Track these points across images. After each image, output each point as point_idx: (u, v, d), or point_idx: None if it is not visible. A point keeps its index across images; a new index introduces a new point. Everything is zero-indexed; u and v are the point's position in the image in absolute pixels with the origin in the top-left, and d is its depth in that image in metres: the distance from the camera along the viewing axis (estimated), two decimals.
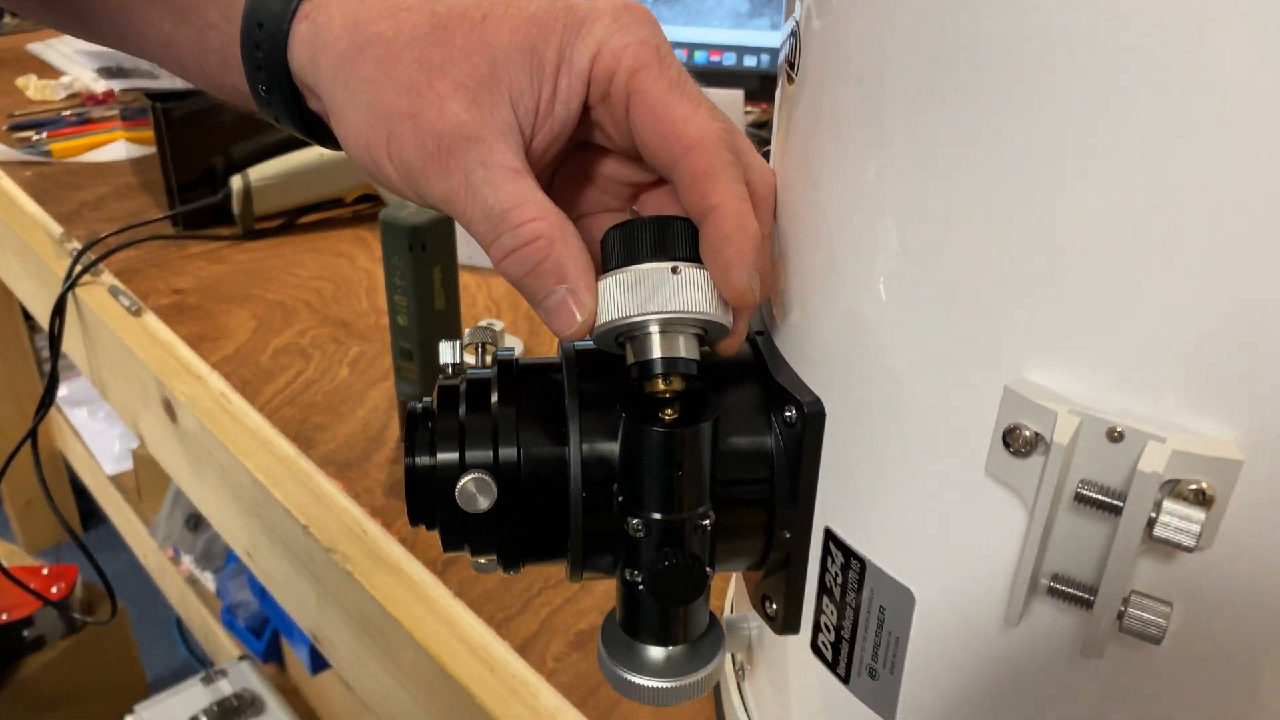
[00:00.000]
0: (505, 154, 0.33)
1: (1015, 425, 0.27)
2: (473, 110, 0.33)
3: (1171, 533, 0.25)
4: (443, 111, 0.33)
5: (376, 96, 0.34)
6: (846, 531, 0.35)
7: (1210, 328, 0.25)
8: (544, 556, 0.38)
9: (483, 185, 0.33)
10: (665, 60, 0.35)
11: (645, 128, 0.34)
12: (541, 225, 0.33)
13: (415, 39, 0.34)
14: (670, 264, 0.33)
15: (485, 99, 0.33)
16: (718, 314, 0.34)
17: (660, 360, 0.33)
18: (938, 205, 0.29)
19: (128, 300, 0.87)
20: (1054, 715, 0.31)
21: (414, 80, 0.34)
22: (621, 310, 0.33)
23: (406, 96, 0.33)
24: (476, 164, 0.33)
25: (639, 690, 0.37)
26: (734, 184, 0.33)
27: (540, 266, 0.33)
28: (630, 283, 0.33)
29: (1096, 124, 0.25)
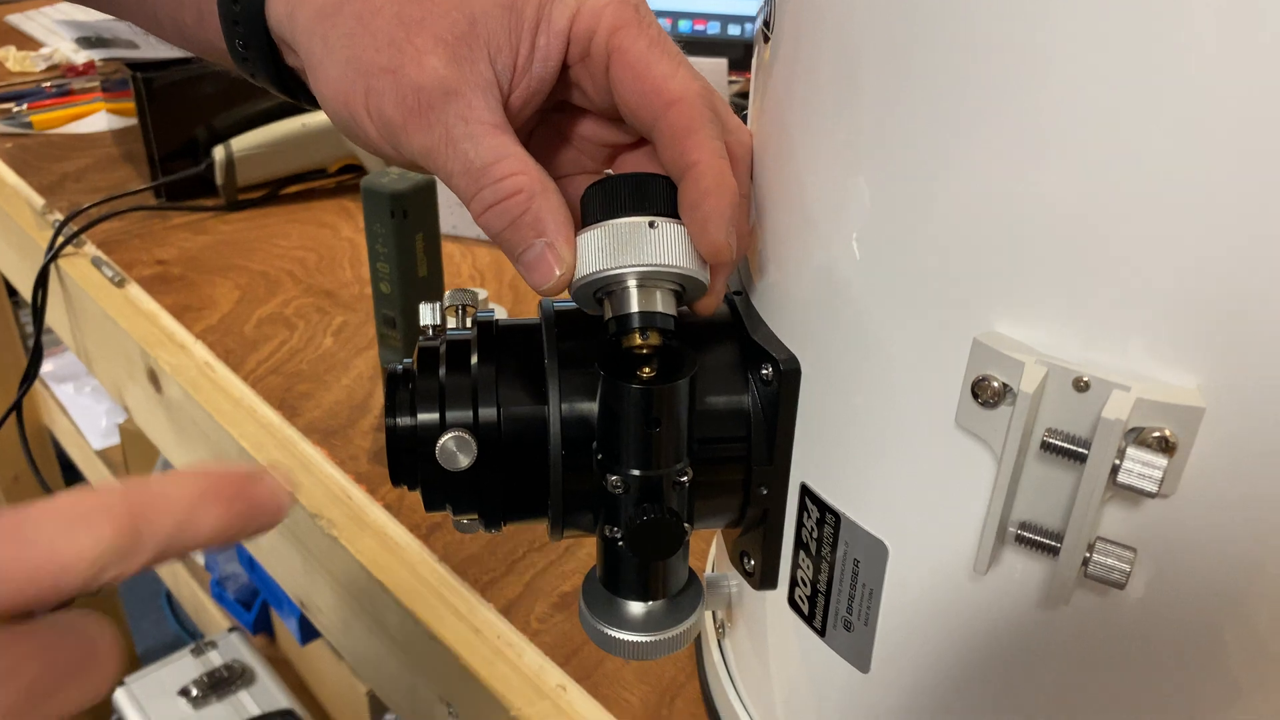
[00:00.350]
0: (485, 109, 0.34)
1: (984, 376, 0.28)
2: (452, 65, 0.33)
3: (1134, 479, 0.26)
4: (422, 66, 0.33)
5: (355, 51, 0.34)
6: (822, 487, 0.35)
7: (1174, 280, 0.26)
8: (525, 514, 0.38)
9: (463, 140, 0.33)
10: (644, 19, 0.35)
11: (625, 85, 0.35)
12: (522, 179, 0.33)
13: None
14: (647, 219, 0.33)
15: (464, 54, 0.34)
16: (695, 269, 0.34)
17: (637, 314, 0.33)
18: (907, 163, 0.29)
19: (111, 271, 0.87)
20: (1025, 664, 0.32)
21: (393, 35, 0.34)
22: (599, 263, 0.33)
23: (386, 51, 0.34)
24: (457, 119, 0.33)
25: (620, 645, 0.38)
26: (713, 141, 0.34)
27: (520, 220, 0.34)
28: (608, 236, 0.34)
29: (1062, 82, 0.25)
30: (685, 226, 0.34)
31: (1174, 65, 0.24)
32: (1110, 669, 0.31)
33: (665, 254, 0.33)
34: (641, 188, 0.34)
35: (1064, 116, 0.25)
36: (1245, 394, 0.26)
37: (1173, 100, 0.24)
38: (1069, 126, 0.25)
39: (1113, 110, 0.25)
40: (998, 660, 0.33)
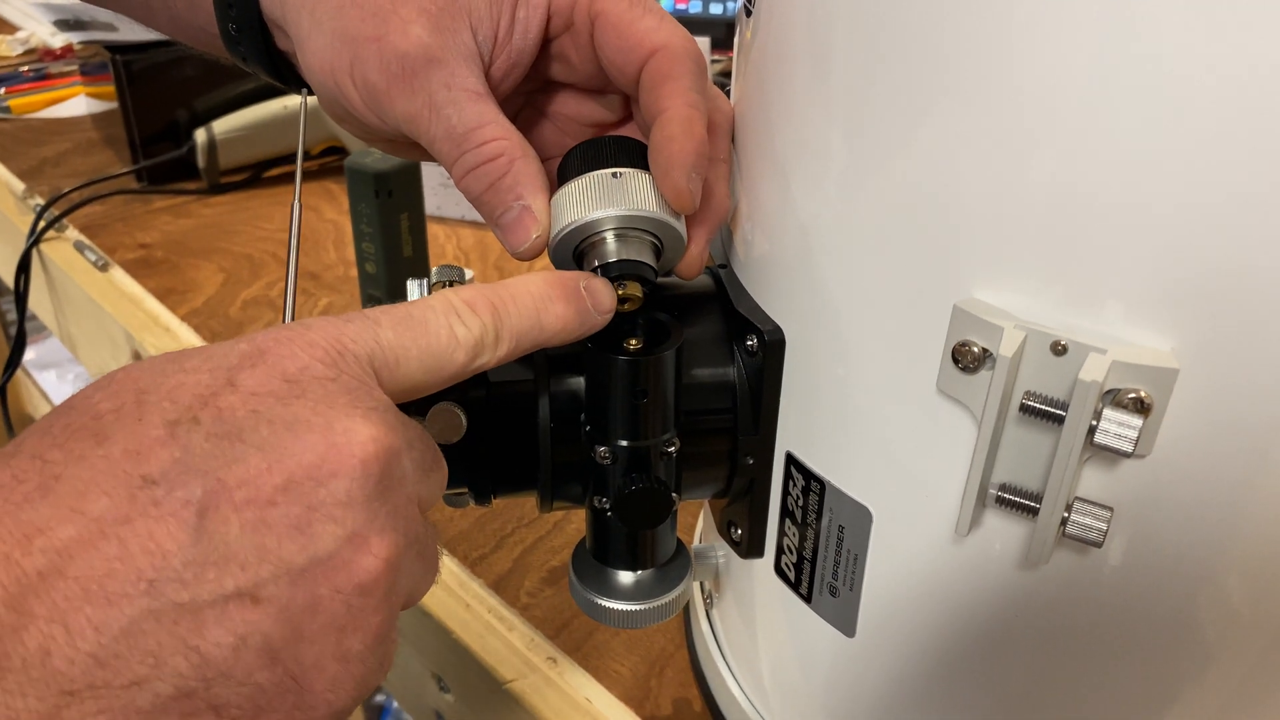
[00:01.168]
0: (468, 77, 0.34)
1: (964, 341, 0.28)
2: (435, 34, 0.34)
3: (1111, 439, 0.26)
4: (407, 34, 0.34)
5: (342, 24, 0.35)
6: (807, 455, 0.36)
7: (1149, 245, 0.26)
8: (515, 487, 0.39)
9: (445, 105, 0.34)
10: None
11: (610, 44, 0.35)
12: (503, 144, 0.34)
13: None
14: (613, 170, 0.34)
15: (447, 24, 0.34)
16: (666, 215, 0.34)
17: (615, 263, 0.34)
18: (883, 132, 0.29)
19: (94, 255, 0.86)
20: (1008, 625, 0.33)
21: (379, 6, 0.35)
22: (571, 215, 0.34)
23: (371, 21, 0.34)
24: (440, 85, 0.34)
25: (609, 613, 0.38)
26: (688, 91, 0.34)
27: (500, 182, 0.34)
28: (578, 188, 0.34)
29: (1036, 50, 0.26)
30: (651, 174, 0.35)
31: (1148, 30, 0.24)
32: (1089, 629, 0.32)
33: (634, 201, 0.34)
34: (611, 146, 0.35)
35: (1039, 85, 0.26)
36: (1218, 356, 0.26)
37: (1146, 67, 0.24)
38: (1044, 95, 0.26)
39: (1088, 78, 0.25)
40: (981, 622, 0.33)
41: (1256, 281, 0.25)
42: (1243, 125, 0.24)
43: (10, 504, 0.22)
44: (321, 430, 0.25)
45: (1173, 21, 0.24)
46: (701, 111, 0.35)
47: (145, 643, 0.22)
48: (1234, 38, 0.23)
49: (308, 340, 0.26)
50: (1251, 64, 0.23)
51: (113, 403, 0.24)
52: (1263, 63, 0.23)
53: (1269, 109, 0.23)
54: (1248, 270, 0.25)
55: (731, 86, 0.40)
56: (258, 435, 0.24)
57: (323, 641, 0.24)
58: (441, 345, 0.29)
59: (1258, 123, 0.24)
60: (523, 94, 0.40)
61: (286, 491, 0.24)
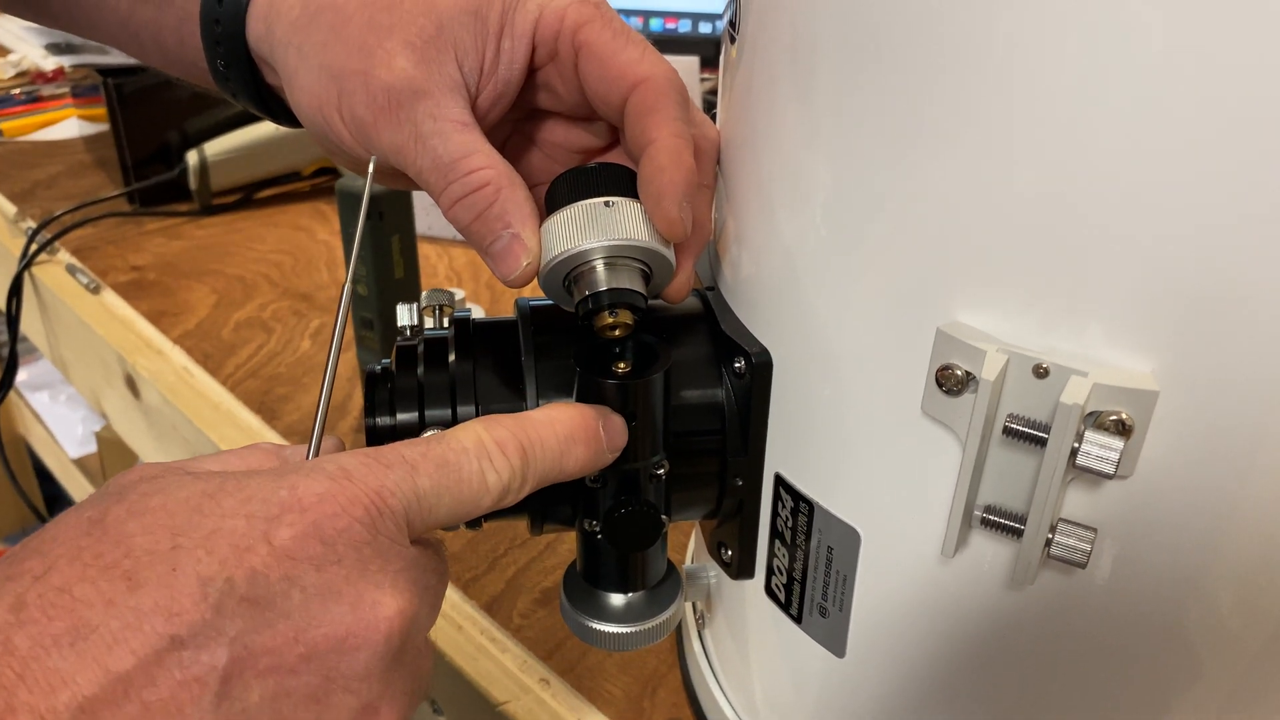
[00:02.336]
0: (453, 108, 0.35)
1: (947, 365, 0.29)
2: (421, 66, 0.34)
3: (1093, 461, 0.27)
4: (392, 67, 0.34)
5: (328, 59, 0.35)
6: (795, 476, 0.36)
7: (1129, 270, 0.26)
8: (505, 510, 0.39)
9: (431, 136, 0.34)
10: (606, 14, 0.36)
11: (594, 75, 0.36)
12: (489, 173, 0.34)
13: (365, 4, 0.35)
14: (604, 199, 0.35)
15: (432, 56, 0.35)
16: (656, 244, 0.34)
17: (606, 292, 0.34)
18: (869, 157, 0.30)
19: (86, 278, 0.86)
20: (996, 644, 0.33)
21: (364, 40, 0.35)
22: (562, 244, 0.34)
23: (357, 55, 0.35)
24: (425, 116, 0.34)
25: (600, 636, 0.38)
26: (674, 121, 0.35)
27: (487, 212, 0.35)
28: (569, 218, 0.34)
29: (1017, 79, 0.26)
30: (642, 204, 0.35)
31: (1127, 59, 0.24)
32: (1078, 647, 0.32)
33: (625, 230, 0.34)
34: (600, 174, 0.36)
35: (1020, 114, 0.26)
36: (1197, 378, 0.27)
37: (1125, 98, 0.25)
38: (1024, 123, 0.26)
39: (1067, 106, 0.26)
40: (969, 641, 0.33)
41: (1234, 305, 0.26)
42: (1221, 153, 0.24)
43: (40, 647, 0.22)
44: (351, 602, 0.26)
45: (1152, 55, 0.24)
46: (688, 140, 0.35)
47: None
48: (1214, 69, 0.24)
49: (350, 497, 0.26)
50: (1233, 94, 0.24)
51: (147, 540, 0.24)
52: (1244, 93, 0.23)
53: (1248, 137, 0.24)
54: (1225, 294, 0.26)
55: (718, 108, 0.41)
56: (289, 602, 0.25)
57: None
58: (473, 492, 0.30)
59: (1236, 150, 0.24)
60: (510, 121, 0.40)
61: (309, 661, 0.25)
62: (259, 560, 0.25)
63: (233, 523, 0.25)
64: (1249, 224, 0.25)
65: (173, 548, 0.24)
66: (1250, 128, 0.24)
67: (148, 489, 0.26)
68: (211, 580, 0.24)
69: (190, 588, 0.24)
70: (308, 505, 0.26)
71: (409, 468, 0.28)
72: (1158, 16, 0.24)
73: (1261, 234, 0.25)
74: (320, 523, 0.26)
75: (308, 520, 0.26)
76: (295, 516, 0.26)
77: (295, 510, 0.26)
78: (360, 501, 0.26)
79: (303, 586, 0.25)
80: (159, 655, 0.23)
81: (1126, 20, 0.24)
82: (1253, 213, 0.25)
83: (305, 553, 0.25)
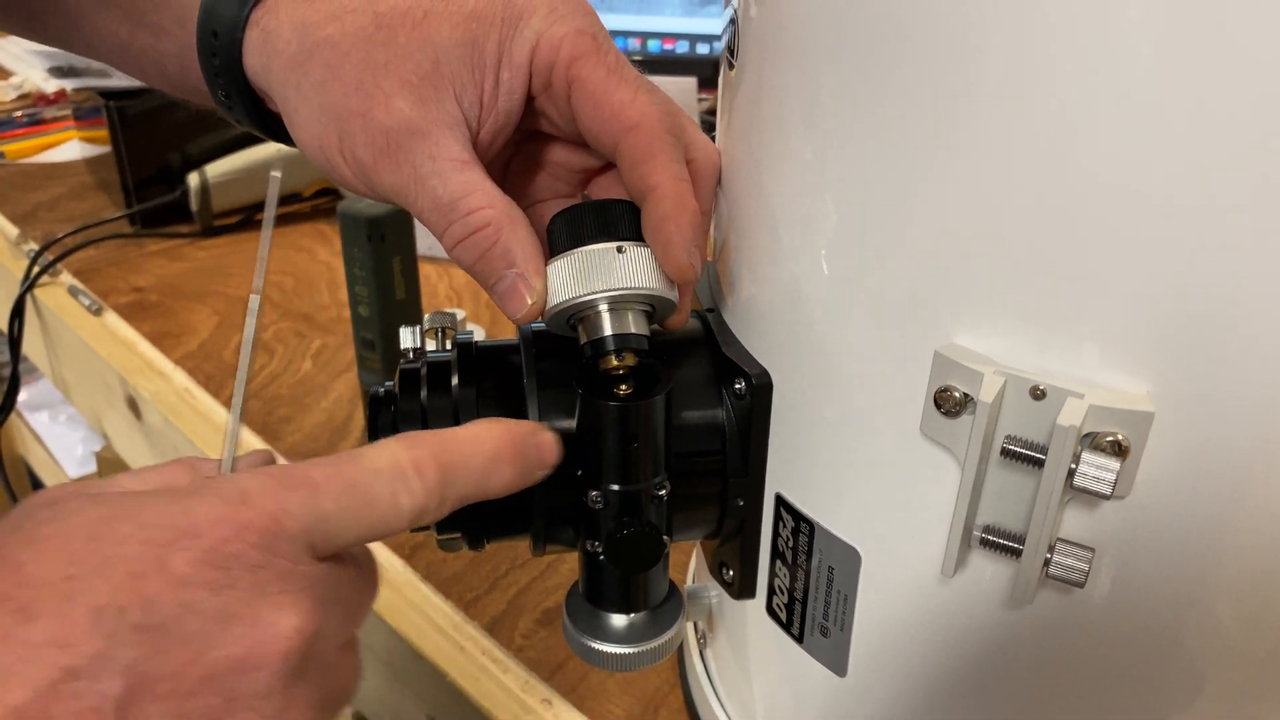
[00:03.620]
0: (452, 146, 0.35)
1: (945, 387, 0.29)
2: (418, 106, 0.34)
3: (1090, 481, 0.27)
4: (389, 108, 0.34)
5: (326, 98, 0.35)
6: (796, 497, 0.37)
7: (1124, 293, 0.27)
8: (508, 532, 0.39)
9: (431, 177, 0.34)
10: (602, 47, 0.36)
11: (586, 113, 0.35)
12: (489, 213, 0.34)
13: (360, 40, 0.35)
14: (616, 244, 0.35)
15: (430, 94, 0.34)
16: (663, 289, 0.35)
17: (612, 337, 0.34)
18: (869, 183, 0.30)
19: (88, 300, 0.87)
20: (996, 663, 0.33)
21: (361, 80, 0.35)
22: (571, 291, 0.34)
23: (355, 96, 0.35)
24: (425, 157, 0.34)
25: (603, 657, 0.38)
26: (672, 164, 0.35)
27: (489, 252, 0.35)
28: (577, 264, 0.35)
29: (1012, 109, 0.26)
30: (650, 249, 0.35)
31: (1118, 89, 0.25)
32: (1079, 665, 0.32)
33: (633, 278, 0.34)
34: (604, 214, 0.35)
35: (1014, 140, 0.27)
36: (1192, 399, 0.27)
37: (1118, 129, 0.25)
38: (1020, 152, 0.27)
39: (1062, 135, 0.26)
40: (969, 660, 0.34)
41: (1227, 326, 0.26)
42: (1214, 178, 0.25)
43: None
44: (249, 623, 0.26)
45: (1144, 88, 0.25)
46: (688, 182, 0.35)
47: None
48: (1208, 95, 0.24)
49: (244, 522, 0.27)
50: (1226, 112, 0.24)
51: (40, 570, 0.25)
52: (1237, 111, 0.24)
53: (1241, 162, 0.24)
54: (1219, 316, 0.26)
55: (717, 129, 0.41)
56: (185, 627, 0.25)
57: None
58: (382, 514, 0.29)
59: (1229, 176, 0.24)
60: (513, 142, 0.40)
61: (209, 683, 0.25)
62: (153, 587, 0.25)
63: (127, 549, 0.25)
64: (1242, 247, 0.25)
65: (66, 578, 0.24)
66: (1243, 152, 0.24)
67: (44, 516, 0.26)
68: (105, 610, 0.24)
69: (83, 618, 0.24)
70: (202, 530, 0.26)
71: (312, 489, 0.28)
72: (1148, 42, 0.24)
73: (1254, 257, 0.25)
74: (215, 548, 0.26)
75: (202, 546, 0.26)
76: (190, 542, 0.26)
77: (190, 536, 0.26)
78: (255, 527, 0.27)
79: (199, 611, 0.25)
80: (54, 687, 0.23)
81: (1119, 47, 0.25)
82: (1245, 235, 0.25)
83: (201, 578, 0.25)
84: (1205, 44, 0.24)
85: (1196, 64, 0.24)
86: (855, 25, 0.29)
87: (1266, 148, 0.24)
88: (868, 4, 0.28)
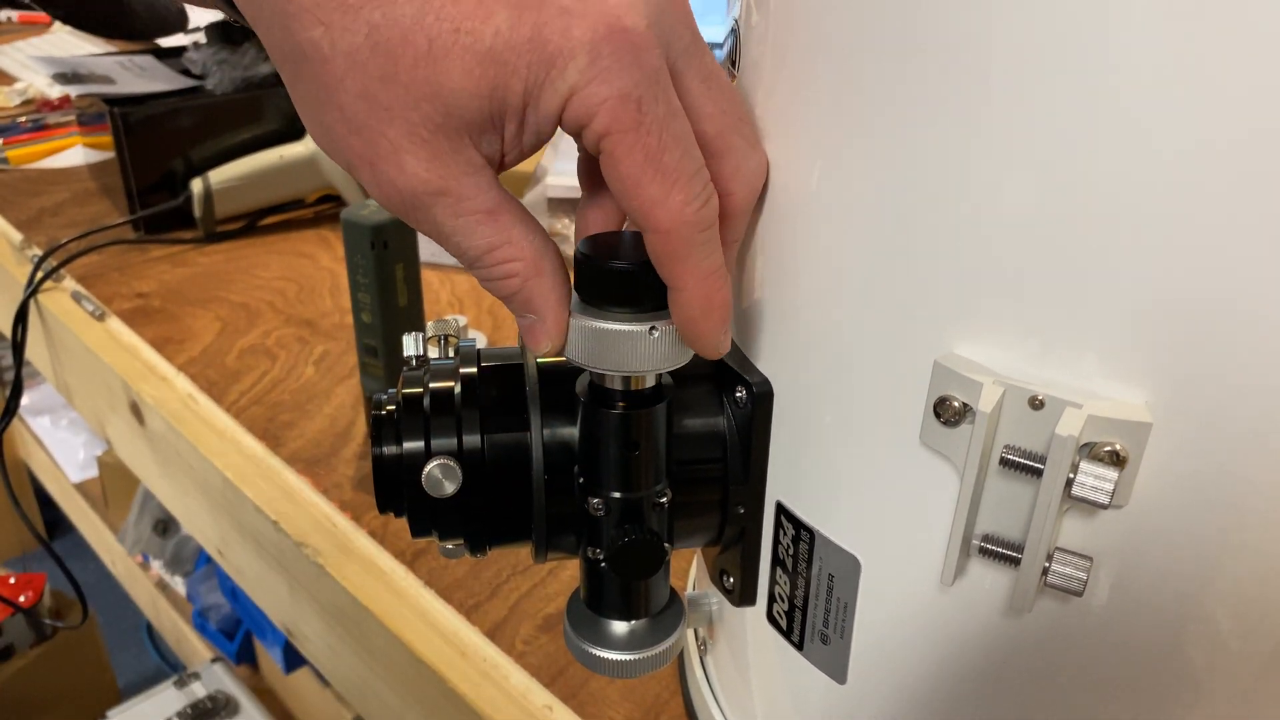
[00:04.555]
0: (475, 197, 0.31)
1: (945, 396, 0.29)
2: (433, 163, 0.30)
3: (1088, 491, 0.27)
4: (403, 169, 0.30)
5: (326, 122, 0.31)
6: (796, 504, 0.37)
7: (1121, 304, 0.27)
8: (509, 539, 0.39)
9: (455, 234, 0.32)
10: (645, 122, 0.30)
11: (615, 190, 0.31)
12: (515, 265, 0.32)
13: (355, 65, 0.29)
14: (649, 326, 0.33)
15: (444, 148, 0.30)
16: (681, 360, 0.34)
17: (620, 392, 0.35)
18: (870, 194, 0.30)
19: (91, 305, 0.87)
20: (995, 671, 0.33)
21: (363, 120, 0.30)
22: (594, 362, 0.34)
23: (358, 139, 0.31)
24: (447, 215, 0.31)
25: (604, 663, 0.39)
26: (700, 264, 0.32)
27: (513, 298, 0.33)
28: (602, 340, 0.33)
29: (1011, 119, 0.27)
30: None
31: (1118, 99, 0.25)
32: (1077, 673, 0.32)
33: (659, 361, 0.34)
34: (630, 284, 0.33)
35: (1014, 156, 0.27)
36: (1190, 409, 0.27)
37: (1116, 138, 0.25)
38: (1018, 163, 0.27)
39: (1060, 146, 0.26)
40: (969, 668, 0.34)
41: (1226, 338, 0.26)
42: (1211, 191, 0.25)
43: None
44: None
45: (1145, 95, 0.25)
46: (720, 277, 0.32)
47: None
48: (1201, 107, 0.24)
49: None
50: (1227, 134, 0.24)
51: None
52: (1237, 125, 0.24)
53: (1239, 175, 0.24)
54: (1217, 326, 0.26)
55: None
56: None
57: None
58: None
59: (1226, 190, 0.25)
60: None
61: None
62: None
63: None
64: (1243, 255, 0.25)
65: None
66: (1242, 165, 0.24)
67: None
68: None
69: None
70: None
71: None
72: (1145, 64, 0.25)
73: (1252, 268, 0.25)
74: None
75: None
76: None
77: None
78: None
79: None
80: None
81: (1115, 55, 0.25)
82: (1244, 248, 0.25)
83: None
84: (1201, 64, 0.24)
85: (1194, 85, 0.24)
86: (856, 39, 0.29)
87: (1267, 162, 0.24)
88: (869, 19, 0.29)
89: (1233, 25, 0.23)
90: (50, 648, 1.41)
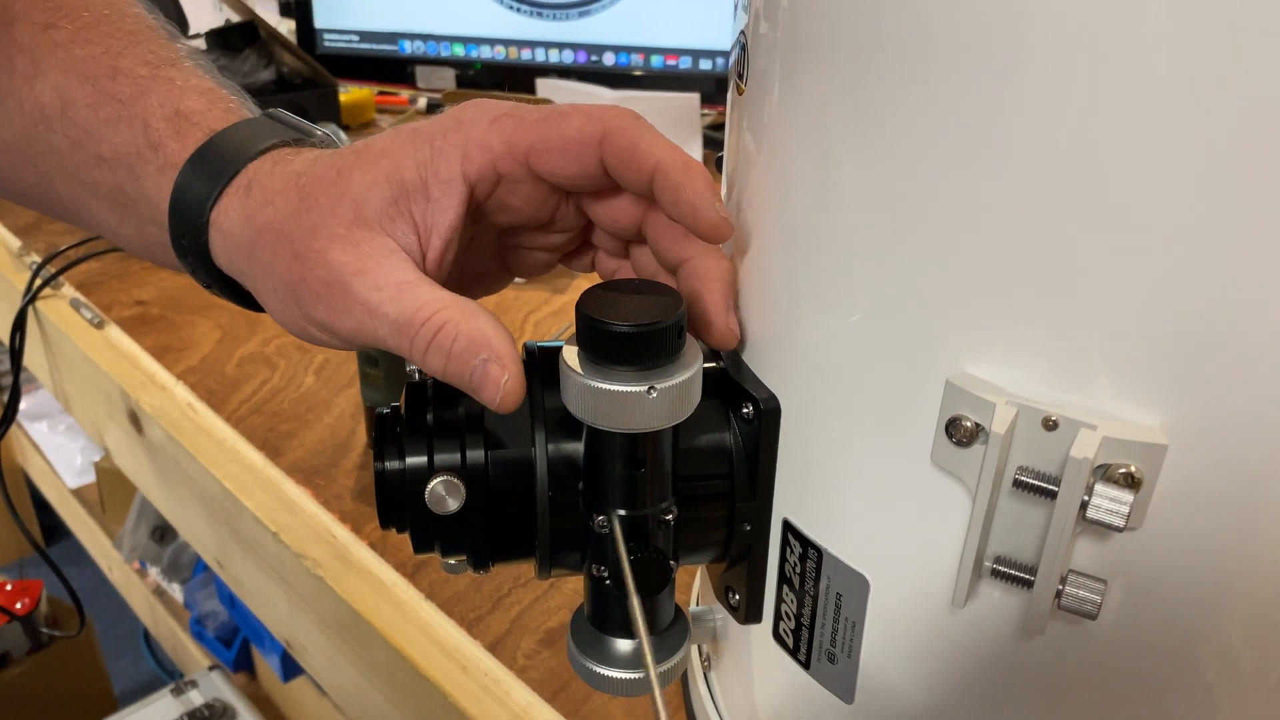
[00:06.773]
0: (394, 272, 0.35)
1: (957, 416, 0.29)
2: (351, 250, 0.35)
3: (1103, 514, 0.27)
4: (328, 262, 0.35)
5: (276, 277, 0.37)
6: (804, 522, 0.36)
7: (1136, 324, 0.27)
8: (513, 555, 0.39)
9: (381, 305, 0.35)
10: (528, 113, 0.37)
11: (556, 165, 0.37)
12: (445, 313, 0.34)
13: (290, 215, 0.36)
14: (647, 387, 0.33)
15: (360, 237, 0.35)
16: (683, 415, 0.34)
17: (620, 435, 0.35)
18: (882, 210, 0.30)
19: (90, 313, 0.87)
20: (1004, 692, 0.33)
21: (298, 250, 0.36)
22: (592, 419, 0.34)
23: (297, 265, 0.36)
24: (370, 290, 0.35)
25: (608, 682, 0.38)
26: (658, 139, 0.36)
27: (454, 348, 0.34)
28: (604, 399, 0.33)
29: (1025, 137, 0.26)
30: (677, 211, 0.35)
31: (1131, 122, 0.25)
32: (1088, 695, 0.32)
33: (655, 418, 0.34)
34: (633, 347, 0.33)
35: (1027, 174, 0.27)
36: (1205, 431, 0.27)
37: (1129, 160, 0.25)
38: (1031, 183, 0.27)
39: (1075, 165, 0.26)
40: (977, 689, 0.33)
41: (1241, 360, 0.26)
42: (1225, 206, 0.25)
43: None
44: None
45: (1160, 113, 0.25)
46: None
47: None
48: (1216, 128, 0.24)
49: None
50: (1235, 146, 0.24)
51: None
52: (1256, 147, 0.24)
53: (1255, 189, 0.24)
54: (1231, 348, 0.26)
55: (725, 149, 0.41)
56: None
57: None
58: None
59: (1243, 203, 0.24)
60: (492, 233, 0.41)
61: None
62: None
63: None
64: (1255, 281, 0.25)
65: None
66: (1259, 186, 0.24)
67: None
68: None
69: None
70: None
71: None
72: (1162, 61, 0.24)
73: (1268, 290, 0.25)
74: None
75: None
76: None
77: None
78: None
79: None
80: None
81: (1129, 67, 0.25)
82: (1259, 269, 0.25)
83: None
84: (1223, 86, 0.24)
85: (1211, 105, 0.24)
86: (869, 51, 0.29)
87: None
88: (882, 29, 0.28)
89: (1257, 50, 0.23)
90: (46, 655, 1.40)
